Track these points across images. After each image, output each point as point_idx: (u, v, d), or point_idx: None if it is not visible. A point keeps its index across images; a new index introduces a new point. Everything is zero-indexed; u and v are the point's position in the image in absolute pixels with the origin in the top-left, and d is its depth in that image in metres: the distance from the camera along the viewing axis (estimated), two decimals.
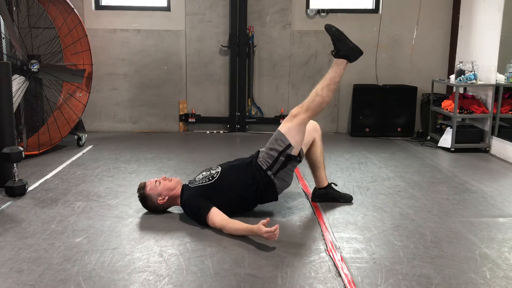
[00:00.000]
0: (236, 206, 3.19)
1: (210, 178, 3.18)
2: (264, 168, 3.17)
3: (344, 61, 3.21)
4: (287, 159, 3.16)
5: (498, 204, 3.62)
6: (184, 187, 3.25)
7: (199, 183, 3.18)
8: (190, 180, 3.31)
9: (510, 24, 5.19)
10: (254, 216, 3.25)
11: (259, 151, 3.32)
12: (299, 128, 3.16)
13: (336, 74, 3.20)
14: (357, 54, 3.23)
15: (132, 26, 6.32)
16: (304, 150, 3.37)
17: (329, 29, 3.23)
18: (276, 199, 3.31)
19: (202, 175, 3.26)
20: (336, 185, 3.64)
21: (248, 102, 6.46)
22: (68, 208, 3.43)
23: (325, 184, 3.58)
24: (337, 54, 3.22)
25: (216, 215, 2.99)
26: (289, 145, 3.14)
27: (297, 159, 3.22)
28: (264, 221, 2.77)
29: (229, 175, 3.19)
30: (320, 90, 3.18)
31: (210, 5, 6.29)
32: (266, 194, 3.22)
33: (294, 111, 3.21)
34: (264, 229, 2.73)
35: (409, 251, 2.76)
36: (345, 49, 3.19)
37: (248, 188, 3.17)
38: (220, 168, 3.26)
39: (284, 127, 3.19)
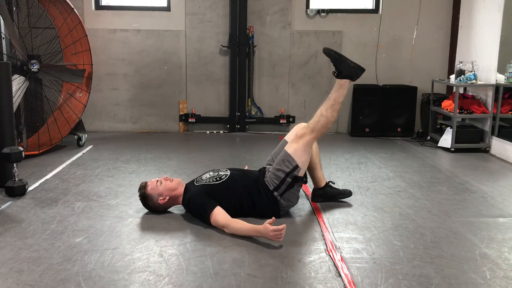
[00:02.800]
0: (233, 211, 3.17)
1: (218, 179, 3.19)
2: (270, 188, 3.18)
3: (347, 81, 3.25)
4: (294, 180, 3.18)
5: (498, 204, 3.62)
6: (189, 184, 3.26)
7: (205, 182, 3.19)
8: (195, 179, 3.31)
9: (510, 24, 5.19)
10: (254, 216, 3.25)
11: (264, 168, 3.35)
12: (304, 149, 3.19)
13: (340, 94, 3.24)
14: (359, 72, 3.28)
15: (132, 26, 6.32)
16: None
17: (328, 53, 3.28)
18: (279, 217, 3.25)
19: (210, 174, 3.27)
20: (333, 183, 3.65)
21: (248, 102, 6.46)
22: (68, 208, 3.43)
23: (323, 183, 3.58)
24: (339, 75, 3.27)
25: (220, 214, 3.00)
26: (296, 166, 3.16)
27: (303, 179, 3.24)
28: (270, 220, 2.78)
29: (237, 181, 3.21)
30: (324, 111, 3.21)
31: (210, 5, 6.29)
32: (268, 212, 3.19)
33: (299, 132, 3.23)
34: (271, 227, 2.74)
35: (409, 251, 2.76)
36: (347, 70, 3.24)
37: (250, 200, 3.18)
38: (229, 172, 3.27)
39: (290, 148, 3.21)
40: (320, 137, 3.26)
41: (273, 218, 2.81)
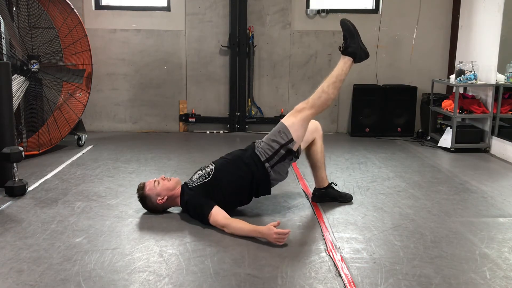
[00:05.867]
0: (233, 201, 3.19)
1: (207, 176, 3.17)
2: (262, 159, 3.16)
3: (350, 59, 3.23)
4: (287, 153, 3.16)
5: (498, 204, 3.62)
6: (184, 187, 3.24)
7: (197, 183, 3.18)
8: (187, 181, 3.29)
9: (510, 24, 5.19)
10: (254, 216, 3.25)
11: (254, 142, 3.31)
12: (302, 124, 3.18)
13: (342, 72, 3.22)
14: (364, 56, 3.27)
15: (132, 26, 6.32)
16: (302, 148, 3.37)
17: (345, 23, 3.25)
18: (269, 193, 3.28)
19: (198, 174, 3.25)
20: (336, 185, 3.65)
21: (248, 102, 6.46)
22: (68, 208, 3.43)
23: (326, 184, 3.58)
24: (345, 50, 3.24)
25: (219, 214, 2.99)
26: (292, 140, 3.14)
27: (296, 154, 3.22)
28: (274, 223, 2.78)
29: (224, 170, 3.18)
30: (326, 87, 3.20)
31: (210, 5, 6.29)
32: (260, 186, 3.21)
33: (299, 106, 3.22)
34: (275, 230, 2.74)
35: (409, 251, 2.76)
36: (355, 47, 3.22)
37: (243, 182, 3.16)
38: (213, 165, 3.25)
39: (288, 120, 3.20)
40: (319, 113, 3.24)
41: (278, 221, 2.82)
